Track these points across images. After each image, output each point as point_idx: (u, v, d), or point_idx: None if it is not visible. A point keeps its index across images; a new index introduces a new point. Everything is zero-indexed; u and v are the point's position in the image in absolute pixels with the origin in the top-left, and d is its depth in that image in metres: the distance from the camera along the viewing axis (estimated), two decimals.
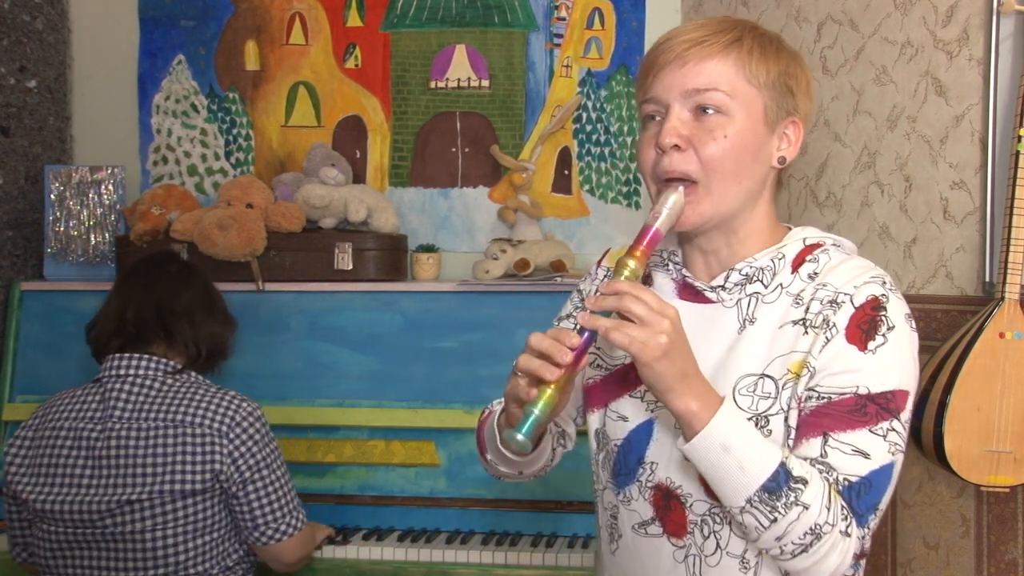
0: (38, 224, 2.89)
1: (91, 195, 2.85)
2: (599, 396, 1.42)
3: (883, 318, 1.25)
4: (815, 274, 1.30)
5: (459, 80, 2.90)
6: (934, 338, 2.07)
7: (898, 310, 1.26)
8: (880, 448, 1.22)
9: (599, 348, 1.41)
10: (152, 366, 2.08)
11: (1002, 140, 2.03)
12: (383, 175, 2.95)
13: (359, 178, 2.92)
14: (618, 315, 1.18)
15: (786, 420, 1.26)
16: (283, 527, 2.08)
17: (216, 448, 2.01)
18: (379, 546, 2.38)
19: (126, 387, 2.06)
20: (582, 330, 1.20)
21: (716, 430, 1.17)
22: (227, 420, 2.03)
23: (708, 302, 1.34)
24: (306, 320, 2.64)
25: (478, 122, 2.90)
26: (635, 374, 1.20)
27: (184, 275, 2.22)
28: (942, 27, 2.12)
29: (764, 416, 1.26)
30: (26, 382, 2.68)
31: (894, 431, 1.23)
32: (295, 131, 2.98)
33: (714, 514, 1.29)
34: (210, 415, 2.03)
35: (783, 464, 1.18)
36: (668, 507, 1.33)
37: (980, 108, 2.06)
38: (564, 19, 2.86)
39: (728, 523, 1.28)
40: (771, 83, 1.29)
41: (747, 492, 1.17)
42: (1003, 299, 1.94)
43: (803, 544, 1.18)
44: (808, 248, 1.33)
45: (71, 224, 2.85)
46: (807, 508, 1.17)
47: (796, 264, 1.32)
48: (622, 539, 1.39)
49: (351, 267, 2.65)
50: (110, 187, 2.86)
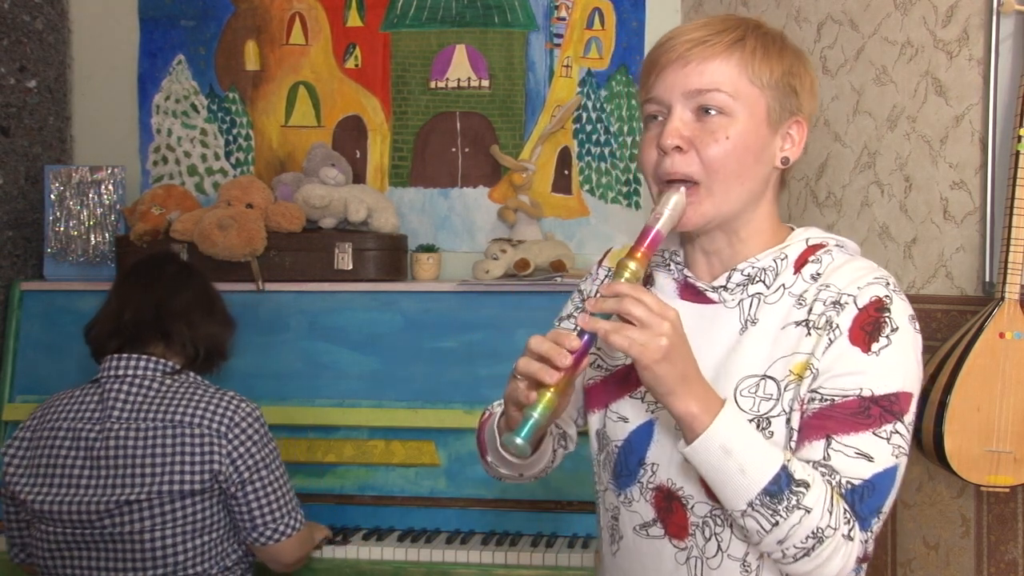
0: (38, 224, 2.89)
1: (91, 195, 2.85)
2: (599, 397, 1.41)
3: (887, 320, 1.24)
4: (818, 275, 1.29)
5: (459, 80, 2.90)
6: (934, 338, 2.07)
7: (902, 311, 1.25)
8: (883, 451, 1.21)
9: (599, 349, 1.40)
10: (150, 366, 2.08)
11: (1002, 140, 2.03)
12: (383, 175, 2.95)
13: (359, 178, 2.92)
14: (618, 317, 1.17)
15: (788, 422, 1.25)
16: (281, 527, 2.08)
17: (215, 448, 2.01)
18: (379, 546, 2.38)
19: (124, 387, 2.06)
20: (582, 332, 1.19)
21: (717, 433, 1.16)
22: (226, 420, 2.03)
23: (710, 302, 1.33)
24: (306, 320, 2.64)
25: (478, 122, 2.90)
26: (636, 375, 1.19)
27: (182, 276, 2.22)
28: (942, 27, 2.12)
29: (766, 418, 1.25)
30: (26, 382, 2.68)
31: (898, 434, 1.22)
32: (295, 131, 2.98)
33: (715, 516, 1.28)
34: (209, 415, 2.03)
35: (785, 467, 1.17)
36: (669, 509, 1.32)
37: (980, 108, 2.06)
38: (564, 19, 2.86)
39: (729, 525, 1.27)
40: (774, 83, 1.27)
41: (748, 495, 1.17)
42: (1003, 299, 1.94)
43: (805, 548, 1.17)
44: (811, 248, 1.32)
45: (71, 224, 2.85)
46: (809, 512, 1.16)
47: (799, 265, 1.30)
48: (623, 540, 1.38)
49: (351, 267, 2.65)
50: (110, 187, 2.86)
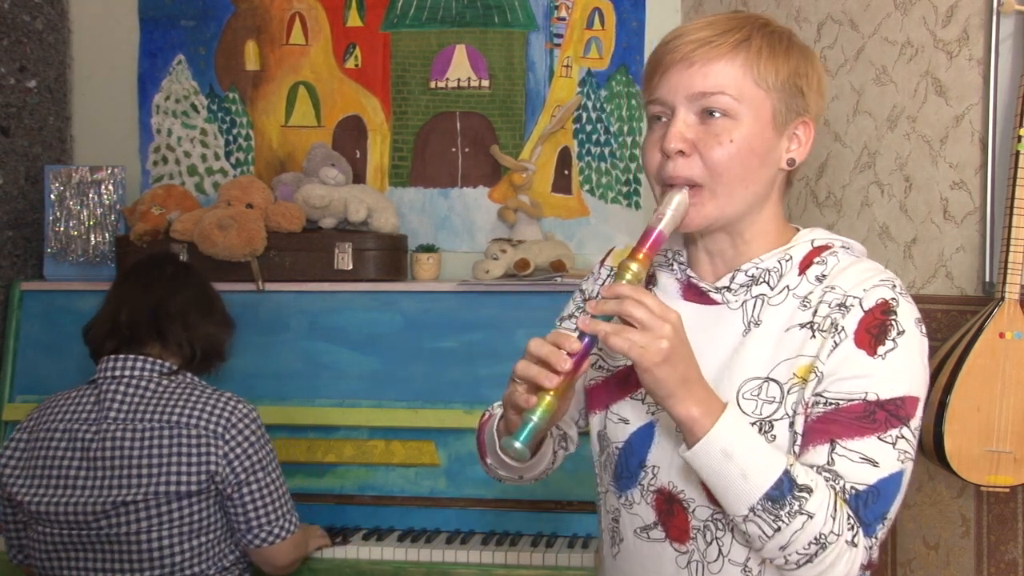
0: (38, 224, 2.89)
1: (91, 195, 2.85)
2: (600, 398, 1.40)
3: (893, 322, 1.22)
4: (823, 276, 1.27)
5: (459, 80, 2.90)
6: (934, 338, 2.06)
7: (908, 314, 1.24)
8: (889, 456, 1.19)
9: (601, 349, 1.39)
10: (147, 367, 2.08)
11: (1002, 140, 2.03)
12: (383, 175, 2.95)
13: (359, 178, 2.92)
14: (619, 319, 1.16)
15: (791, 426, 1.23)
16: (276, 530, 2.08)
17: (211, 449, 2.01)
18: (379, 546, 2.38)
19: (121, 388, 2.05)
20: (582, 334, 1.17)
21: (718, 437, 1.15)
22: (222, 421, 2.03)
23: (713, 303, 1.31)
24: (306, 320, 2.63)
25: (478, 122, 2.90)
26: (636, 376, 1.18)
27: (180, 276, 2.21)
28: (942, 27, 2.12)
29: (768, 421, 1.23)
30: (26, 382, 2.68)
31: (903, 438, 1.20)
32: (295, 131, 2.98)
33: (717, 520, 1.27)
34: (206, 416, 2.02)
35: (787, 472, 1.16)
36: (670, 512, 1.30)
37: (980, 108, 2.06)
38: (564, 19, 2.86)
39: (731, 530, 1.26)
40: (780, 85, 1.25)
41: (750, 500, 1.15)
42: (1003, 299, 1.94)
43: (808, 554, 1.16)
44: (816, 250, 1.30)
45: (71, 224, 2.85)
46: (812, 517, 1.15)
47: (803, 266, 1.29)
48: (624, 543, 1.37)
49: (351, 267, 2.65)
50: (110, 187, 2.86)
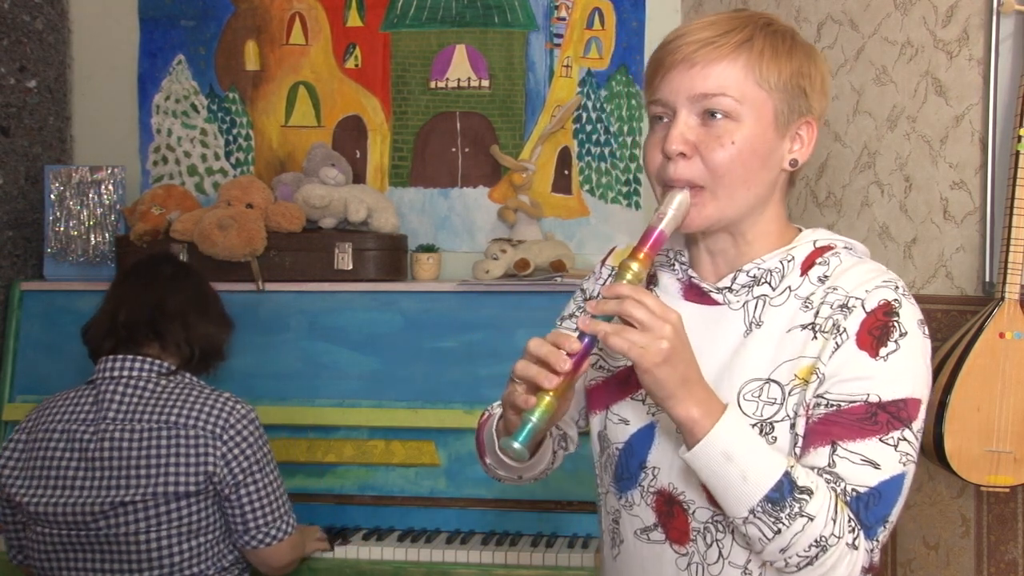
0: (38, 224, 2.89)
1: (91, 195, 2.85)
2: (600, 398, 1.39)
3: (895, 324, 1.21)
4: (825, 277, 1.26)
5: (459, 80, 2.90)
6: (934, 338, 2.06)
7: (911, 316, 1.23)
8: (891, 458, 1.19)
9: (601, 349, 1.38)
10: (145, 367, 2.07)
11: (1002, 140, 2.03)
12: (383, 175, 2.95)
13: (359, 178, 2.92)
14: (619, 319, 1.15)
15: (792, 427, 1.22)
16: (274, 531, 2.08)
17: (209, 450, 2.00)
18: (379, 546, 2.38)
19: (119, 389, 2.05)
20: (582, 334, 1.16)
21: (718, 438, 1.14)
22: (220, 422, 2.02)
23: (714, 304, 1.31)
24: (306, 320, 2.63)
25: (478, 122, 2.90)
26: (637, 376, 1.17)
27: (177, 276, 2.21)
28: (942, 27, 2.12)
29: (769, 422, 1.23)
30: (26, 382, 2.68)
31: (905, 441, 1.19)
32: (295, 131, 2.98)
33: (717, 522, 1.26)
34: (204, 417, 2.02)
35: (788, 473, 1.15)
36: (670, 513, 1.30)
37: (980, 108, 2.06)
38: (564, 19, 2.86)
39: (731, 532, 1.25)
40: (782, 86, 1.24)
41: (750, 502, 1.14)
42: (1003, 299, 1.94)
43: (808, 556, 1.15)
44: (818, 250, 1.29)
45: (71, 224, 2.85)
46: (812, 519, 1.14)
47: (806, 267, 1.28)
48: (624, 544, 1.37)
49: (351, 267, 2.65)
50: (110, 187, 2.86)
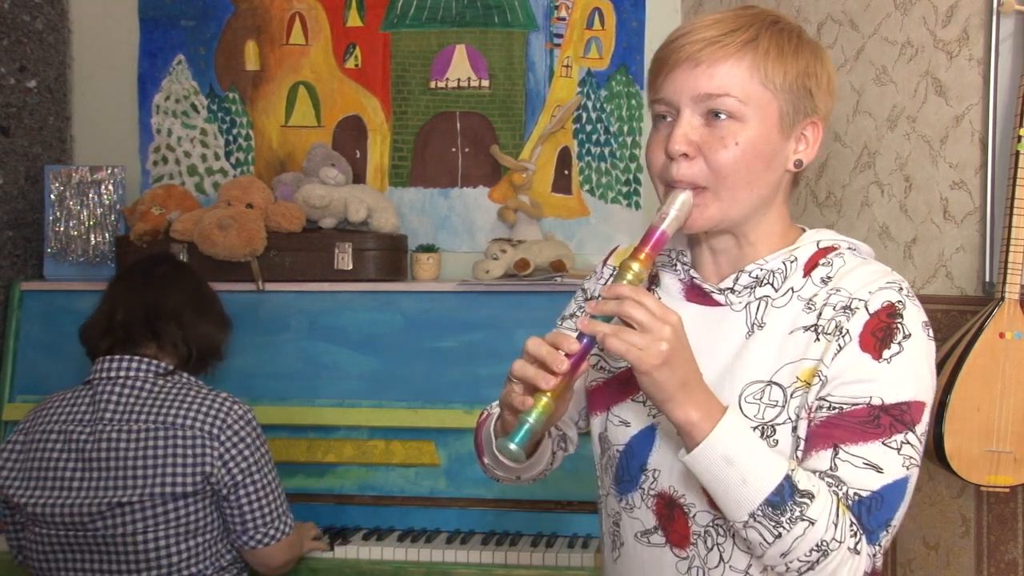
0: (38, 224, 2.89)
1: (91, 195, 2.85)
2: (601, 399, 1.38)
3: (899, 326, 1.20)
4: (829, 278, 1.25)
5: (459, 80, 2.90)
6: (934, 338, 2.07)
7: (915, 318, 1.22)
8: (894, 462, 1.17)
9: (602, 350, 1.38)
10: (142, 367, 2.07)
11: (1002, 140, 2.03)
12: (383, 175, 2.95)
13: (359, 178, 2.92)
14: (619, 320, 1.14)
15: (794, 430, 1.21)
16: (272, 531, 2.07)
17: (207, 451, 2.00)
18: (379, 546, 2.38)
19: (116, 389, 2.05)
20: (581, 335, 1.15)
21: (718, 441, 1.13)
22: (217, 422, 2.02)
23: (716, 305, 1.30)
24: (306, 320, 2.63)
25: (478, 122, 2.90)
26: None
27: (175, 276, 2.21)
28: (942, 27, 2.12)
29: (771, 425, 1.21)
30: (26, 382, 2.68)
31: (908, 444, 1.18)
32: (295, 131, 2.97)
33: (718, 526, 1.25)
34: (201, 417, 2.02)
35: (788, 477, 1.14)
36: (671, 517, 1.29)
37: (980, 108, 2.06)
38: (564, 19, 2.86)
39: (732, 536, 1.24)
40: (788, 86, 1.22)
41: (750, 506, 1.13)
42: (1003, 299, 1.94)
43: (809, 561, 1.14)
44: (822, 251, 1.28)
45: (71, 224, 2.85)
46: (813, 524, 1.13)
47: (809, 267, 1.26)
48: (624, 547, 1.36)
49: (351, 267, 2.65)
50: (110, 187, 2.86)
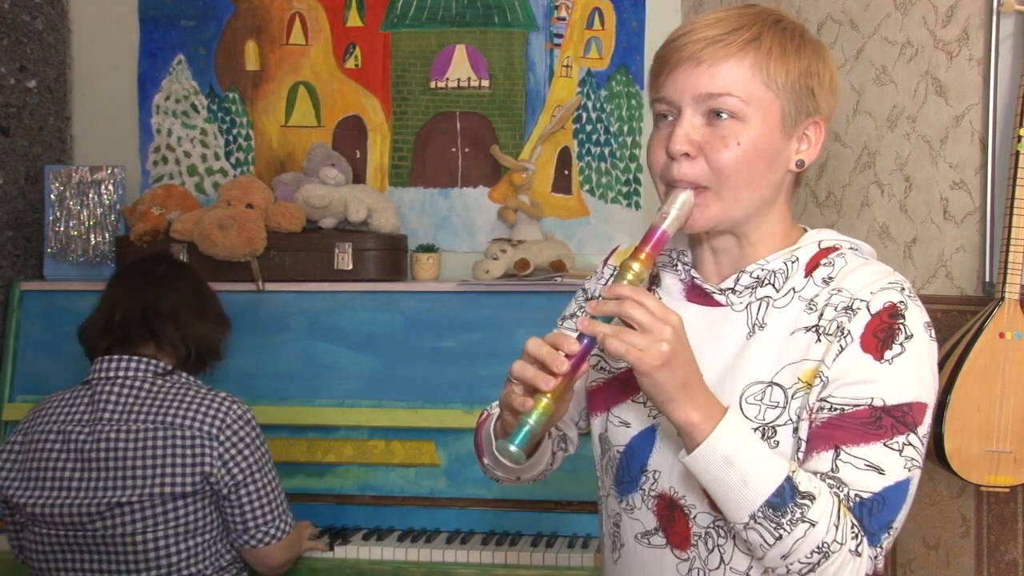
0: (38, 224, 2.89)
1: (91, 195, 2.85)
2: (601, 400, 1.38)
3: (901, 326, 1.19)
4: (830, 279, 1.24)
5: (459, 80, 2.90)
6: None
7: (917, 318, 1.21)
8: (895, 463, 1.17)
9: (602, 350, 1.39)
10: (141, 367, 2.07)
11: (1002, 140, 2.03)
12: (383, 175, 2.95)
13: (359, 178, 2.92)
14: (619, 321, 1.14)
15: (795, 431, 1.20)
16: (272, 531, 2.07)
17: (206, 451, 2.00)
18: (379, 546, 2.38)
19: (115, 389, 2.04)
20: (581, 336, 1.15)
21: (718, 442, 1.13)
22: (217, 423, 2.02)
23: (717, 305, 1.29)
24: (306, 320, 2.63)
25: (478, 122, 2.90)
26: None
27: (173, 276, 2.20)
28: (942, 27, 2.12)
29: (771, 426, 1.21)
30: (26, 382, 2.68)
31: (910, 445, 1.17)
32: (295, 131, 2.98)
33: (719, 527, 1.24)
34: (200, 417, 2.01)
35: (789, 478, 1.13)
36: (671, 518, 1.28)
37: (980, 108, 2.06)
38: (564, 19, 2.86)
39: (733, 537, 1.23)
40: (790, 86, 1.22)
41: (751, 507, 1.13)
42: (1003, 299, 1.94)
43: (810, 563, 1.14)
44: (823, 251, 1.27)
45: (71, 224, 2.85)
46: (814, 525, 1.12)
47: (810, 268, 1.26)
48: (624, 548, 1.35)
49: (351, 267, 2.65)
50: (110, 187, 2.86)
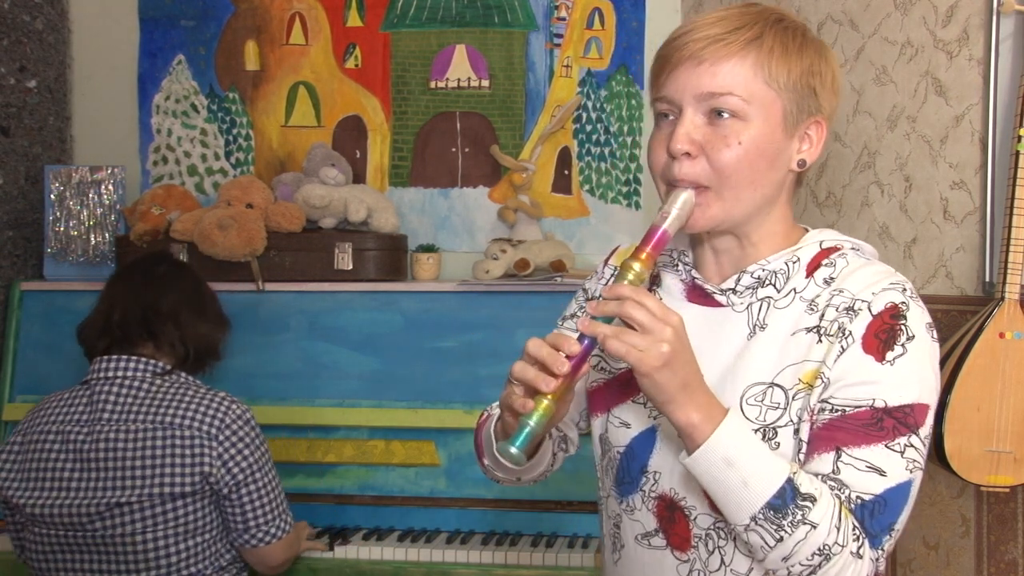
0: (38, 224, 2.89)
1: (91, 195, 2.85)
2: (602, 400, 1.38)
3: (902, 327, 1.18)
4: (831, 279, 1.24)
5: (459, 80, 2.90)
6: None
7: (918, 319, 1.20)
8: (897, 465, 1.16)
9: (602, 351, 1.39)
10: (140, 367, 2.06)
11: (1002, 140, 2.03)
12: (383, 175, 2.95)
13: (359, 178, 2.92)
14: (620, 321, 1.13)
15: (796, 433, 1.20)
16: (272, 530, 2.07)
17: (205, 451, 1.99)
18: (379, 546, 2.38)
19: (114, 389, 2.04)
20: (582, 336, 1.14)
21: (719, 443, 1.12)
22: (216, 422, 2.01)
23: (718, 305, 1.28)
24: (306, 320, 2.63)
25: (478, 122, 2.90)
26: None
27: (172, 275, 2.20)
28: (942, 27, 2.12)
29: (772, 428, 1.20)
30: (26, 382, 2.68)
31: (912, 447, 1.17)
32: (295, 131, 2.97)
33: (719, 529, 1.24)
34: (199, 417, 2.01)
35: (790, 480, 1.13)
36: (672, 519, 1.28)
37: (980, 108, 2.06)
38: (564, 19, 2.86)
39: (733, 539, 1.23)
40: (792, 85, 1.21)
41: (752, 509, 1.12)
42: (1003, 299, 1.94)
43: (811, 565, 1.13)
44: (825, 252, 1.26)
45: (71, 224, 2.85)
46: (815, 527, 1.12)
47: (811, 268, 1.25)
48: (624, 549, 1.35)
49: (351, 267, 2.65)
50: (110, 187, 2.86)
